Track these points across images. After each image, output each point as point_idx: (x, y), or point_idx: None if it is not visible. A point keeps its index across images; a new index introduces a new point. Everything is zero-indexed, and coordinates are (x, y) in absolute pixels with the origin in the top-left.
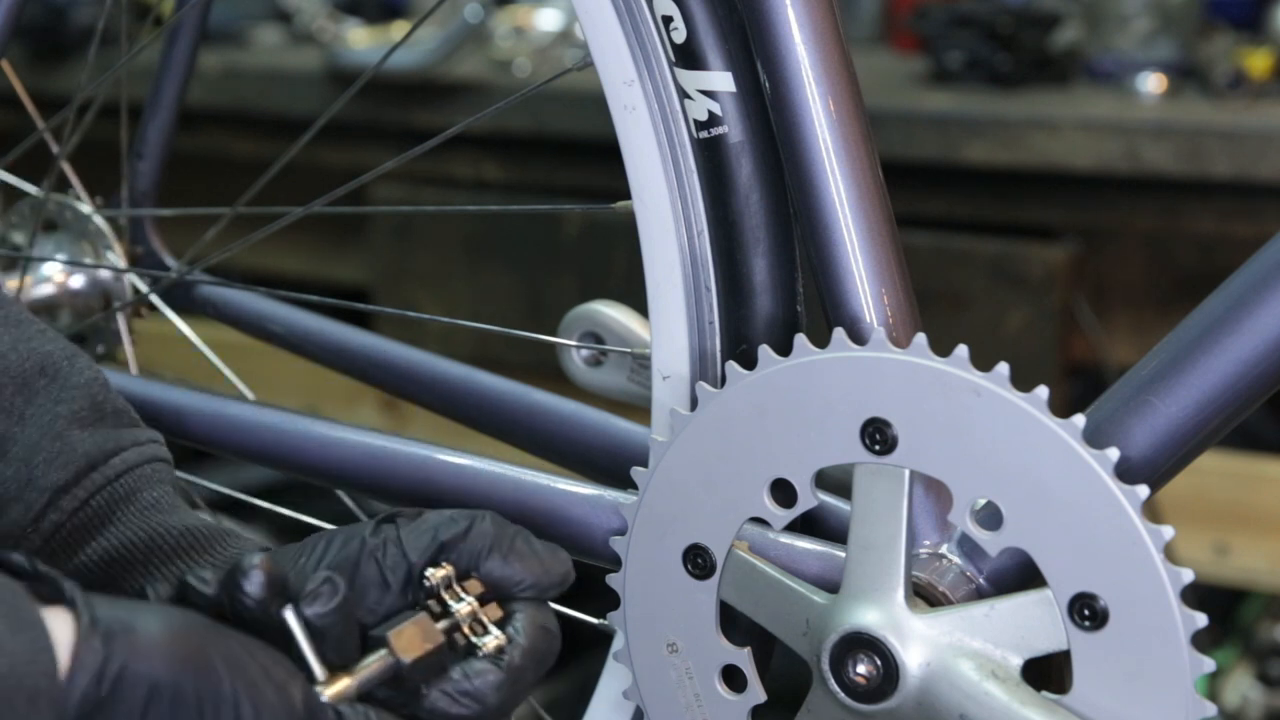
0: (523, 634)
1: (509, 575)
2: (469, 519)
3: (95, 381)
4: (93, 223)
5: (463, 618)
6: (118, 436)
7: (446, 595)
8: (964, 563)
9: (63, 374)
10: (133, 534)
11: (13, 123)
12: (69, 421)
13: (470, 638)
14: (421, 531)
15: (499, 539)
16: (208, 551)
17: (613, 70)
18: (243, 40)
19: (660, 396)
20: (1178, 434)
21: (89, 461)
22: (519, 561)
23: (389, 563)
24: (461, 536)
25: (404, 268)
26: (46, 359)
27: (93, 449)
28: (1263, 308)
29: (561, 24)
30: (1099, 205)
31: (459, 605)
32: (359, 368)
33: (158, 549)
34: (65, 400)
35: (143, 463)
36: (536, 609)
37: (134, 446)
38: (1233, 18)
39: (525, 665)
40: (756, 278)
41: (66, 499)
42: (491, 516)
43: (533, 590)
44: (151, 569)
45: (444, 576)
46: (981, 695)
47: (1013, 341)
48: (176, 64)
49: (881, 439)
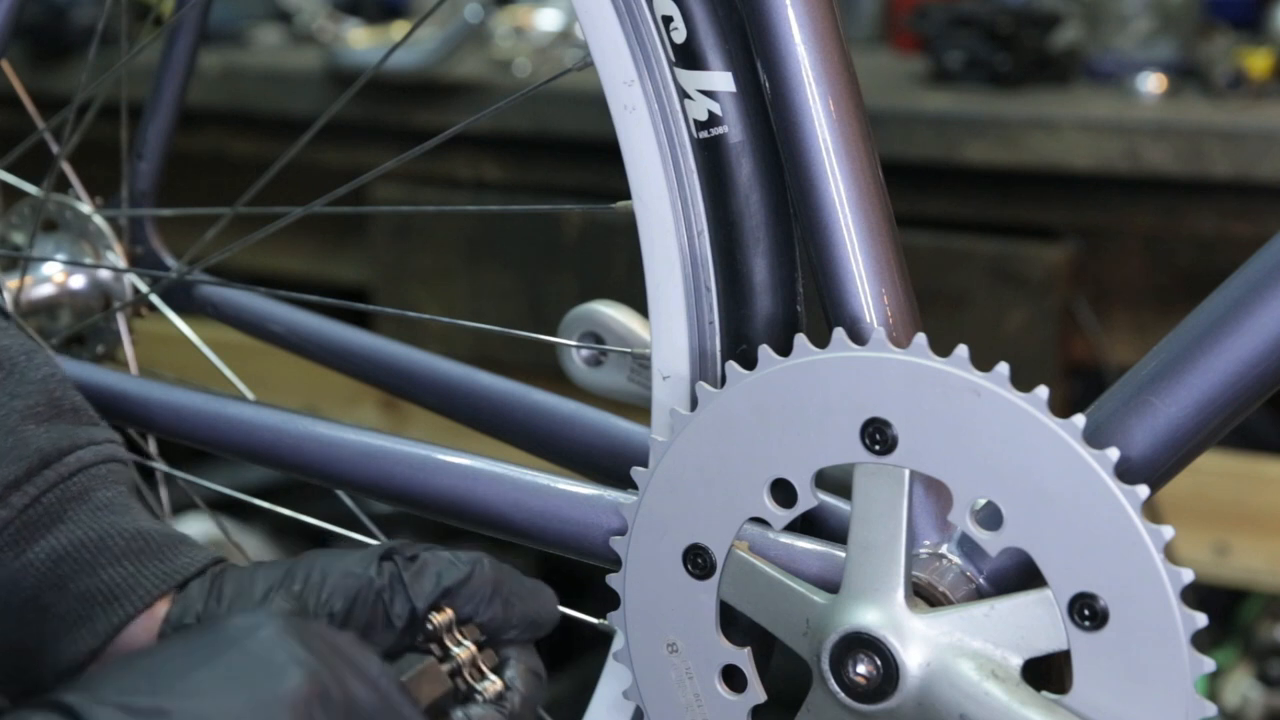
0: (519, 681)
1: (507, 620)
2: (470, 564)
3: (52, 378)
4: (93, 223)
5: (463, 662)
6: (73, 434)
7: (447, 639)
8: (964, 563)
9: (19, 369)
10: (83, 534)
11: (13, 123)
12: (23, 416)
13: (470, 682)
14: (426, 576)
15: (498, 584)
16: (159, 558)
17: (613, 70)
18: (243, 40)
19: (660, 396)
20: (1178, 434)
21: (42, 458)
22: (518, 606)
23: (396, 608)
24: (464, 582)
25: (404, 268)
26: (2, 354)
27: (47, 445)
28: (1263, 308)
29: (561, 24)
30: (1099, 205)
31: (459, 650)
32: (359, 368)
33: (107, 550)
34: (20, 395)
35: (98, 462)
36: (527, 654)
37: (90, 445)
38: (1233, 18)
39: (524, 713)
40: (756, 278)
41: (17, 495)
42: (489, 561)
43: (527, 634)
44: (100, 570)
45: (445, 621)
46: (981, 695)
47: (1013, 341)
48: (176, 64)
49: (881, 439)
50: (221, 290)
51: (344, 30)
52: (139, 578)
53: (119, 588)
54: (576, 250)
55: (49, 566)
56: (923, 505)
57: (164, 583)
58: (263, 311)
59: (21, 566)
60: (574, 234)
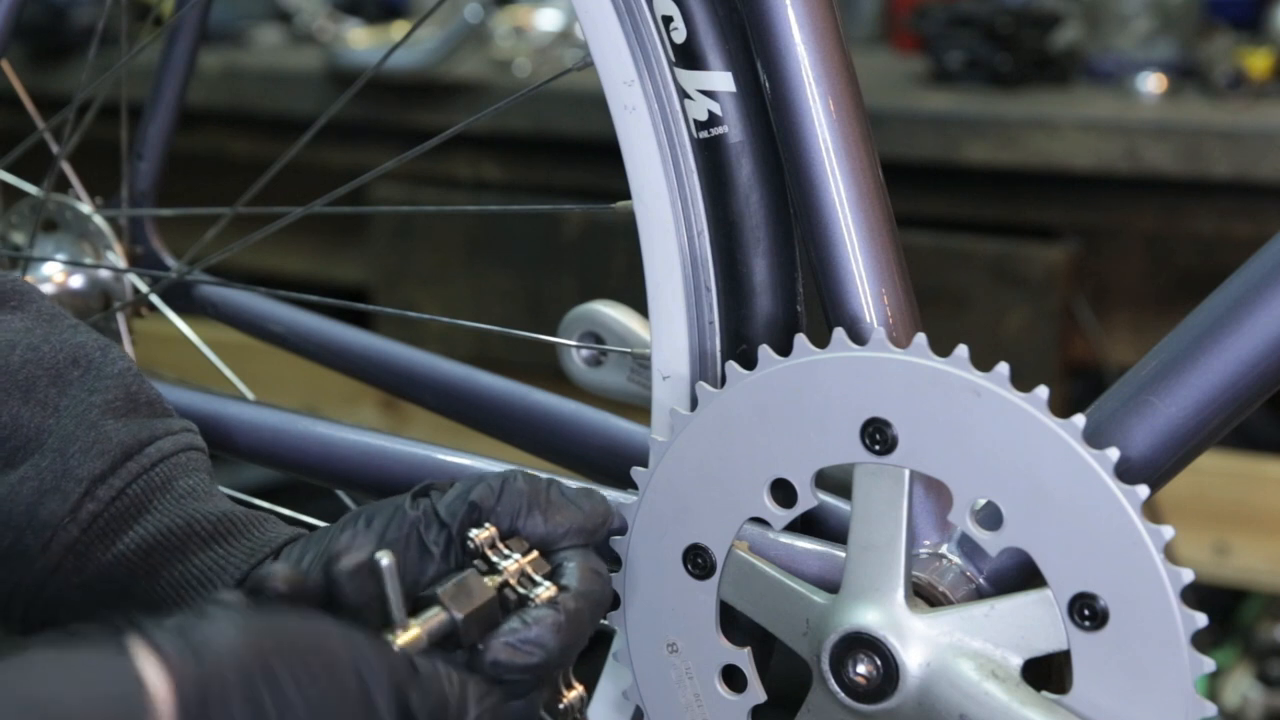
0: (574, 579)
1: (551, 531)
2: (500, 480)
3: (128, 372)
4: (93, 223)
5: (511, 574)
6: (152, 426)
7: (491, 554)
8: (964, 563)
9: (96, 364)
10: (170, 521)
11: (13, 123)
12: (103, 411)
13: (521, 591)
14: (456, 497)
15: (533, 496)
16: (244, 537)
17: (613, 70)
18: (243, 40)
19: (660, 396)
20: (1178, 434)
21: (124, 451)
22: (558, 515)
23: (431, 534)
24: (495, 498)
25: (404, 268)
26: (79, 350)
27: (128, 438)
28: (1263, 308)
29: (561, 24)
30: (1099, 205)
31: (506, 562)
32: (359, 368)
33: (195, 535)
34: (99, 390)
35: (177, 451)
36: (583, 555)
37: (168, 435)
38: (1233, 18)
39: (581, 608)
40: (756, 278)
41: (103, 488)
42: (523, 474)
43: (577, 539)
44: (190, 556)
45: (487, 537)
46: (981, 695)
47: (1013, 341)
48: (176, 64)
49: (881, 439)
50: (221, 290)
51: (344, 30)
52: (228, 559)
53: (210, 571)
54: (576, 250)
55: (140, 557)
56: (923, 505)
57: (249, 561)
58: (263, 311)
59: (113, 559)
60: (574, 234)
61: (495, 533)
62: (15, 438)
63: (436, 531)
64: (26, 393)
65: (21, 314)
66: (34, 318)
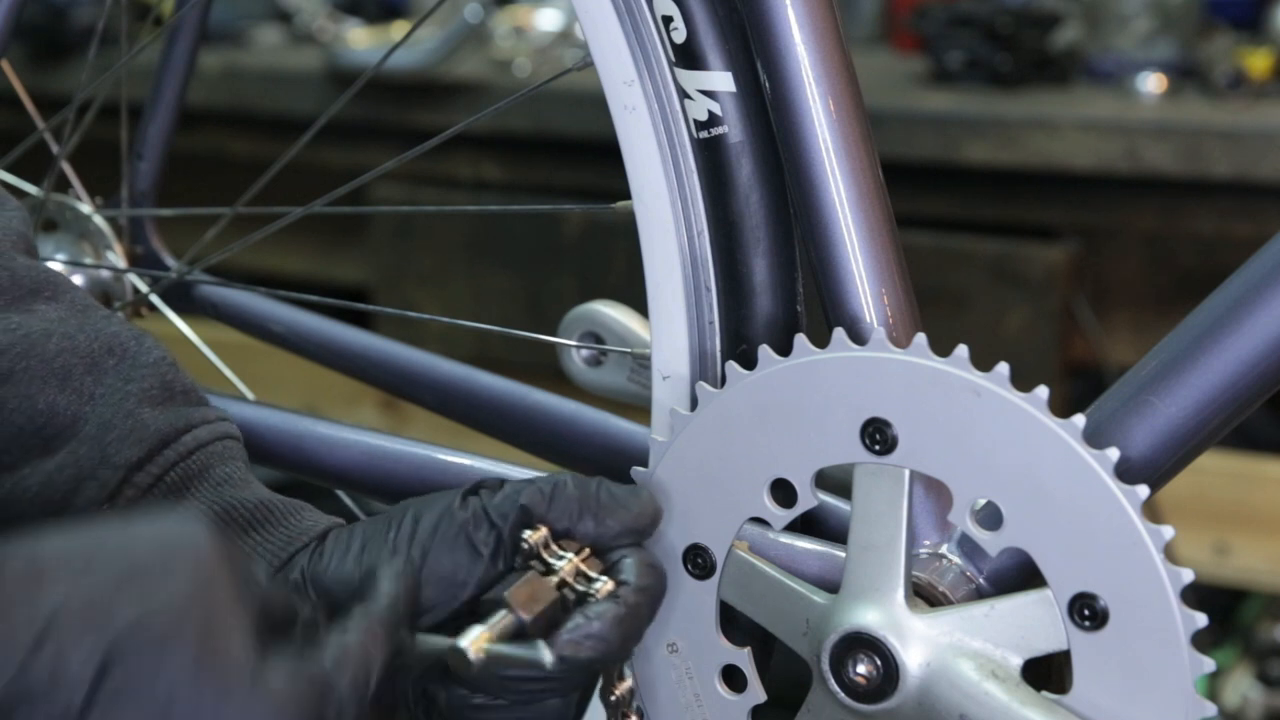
0: (632, 574)
1: (603, 534)
2: (551, 483)
3: (164, 360)
4: (93, 223)
5: (568, 573)
6: (188, 414)
7: (546, 555)
8: (964, 563)
9: (131, 353)
10: (207, 509)
11: (13, 123)
12: (139, 399)
13: (580, 589)
14: (506, 500)
15: (584, 501)
16: (282, 524)
17: (613, 70)
18: (243, 40)
19: (660, 396)
20: (1178, 434)
21: (161, 438)
22: (610, 518)
23: (480, 535)
24: (546, 502)
25: (404, 268)
26: (114, 339)
27: (165, 426)
28: (1263, 308)
29: (561, 24)
30: (1099, 205)
31: (561, 563)
32: (359, 368)
33: (233, 523)
34: (135, 379)
35: (214, 439)
36: (640, 552)
37: (204, 424)
38: (1233, 18)
39: (640, 601)
40: (756, 278)
41: (141, 475)
42: (573, 479)
43: (628, 539)
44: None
45: (541, 538)
46: (981, 695)
47: (1013, 341)
48: (176, 64)
49: (881, 439)
50: (221, 290)
51: (344, 30)
52: (265, 545)
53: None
54: (576, 250)
55: None
56: (923, 505)
57: (286, 548)
58: (263, 311)
59: None
60: (574, 234)
61: (548, 533)
62: (52, 425)
63: (486, 533)
64: (63, 381)
65: (56, 304)
66: (68, 307)
